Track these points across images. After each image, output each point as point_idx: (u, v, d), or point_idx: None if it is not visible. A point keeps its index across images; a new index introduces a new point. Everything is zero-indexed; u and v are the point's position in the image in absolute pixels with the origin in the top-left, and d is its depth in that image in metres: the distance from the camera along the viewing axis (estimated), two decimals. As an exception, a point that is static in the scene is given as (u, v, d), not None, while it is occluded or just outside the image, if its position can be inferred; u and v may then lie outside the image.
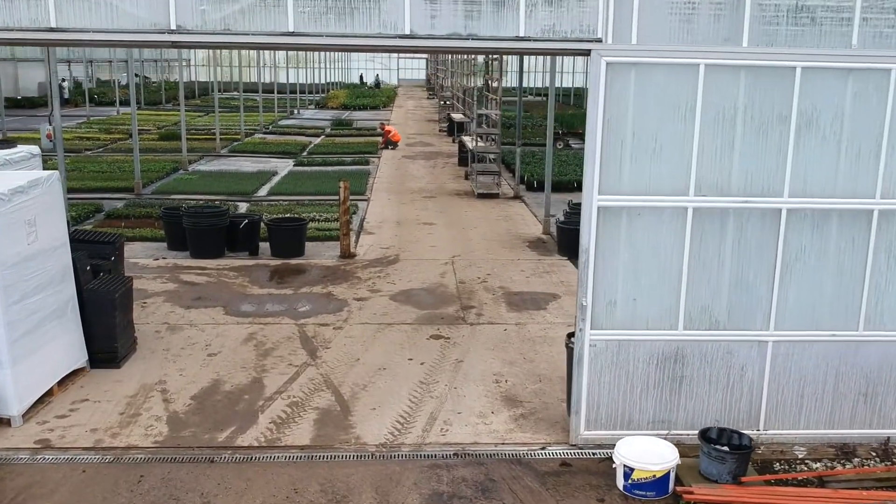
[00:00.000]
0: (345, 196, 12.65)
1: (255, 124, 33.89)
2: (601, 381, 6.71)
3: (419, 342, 9.20)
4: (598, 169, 6.33)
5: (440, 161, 25.16)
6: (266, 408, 7.44)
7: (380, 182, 20.68)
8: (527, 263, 12.77)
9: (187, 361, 8.51)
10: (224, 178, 20.48)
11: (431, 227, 15.47)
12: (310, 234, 13.89)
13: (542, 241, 14.41)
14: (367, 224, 15.56)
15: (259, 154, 25.65)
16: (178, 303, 10.47)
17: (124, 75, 62.33)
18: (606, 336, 6.62)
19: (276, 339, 9.20)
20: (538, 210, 17.02)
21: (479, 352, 8.92)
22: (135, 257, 12.66)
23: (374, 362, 8.56)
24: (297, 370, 8.32)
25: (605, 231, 6.45)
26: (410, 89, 72.13)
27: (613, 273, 6.53)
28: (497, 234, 14.93)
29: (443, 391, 7.86)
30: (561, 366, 8.40)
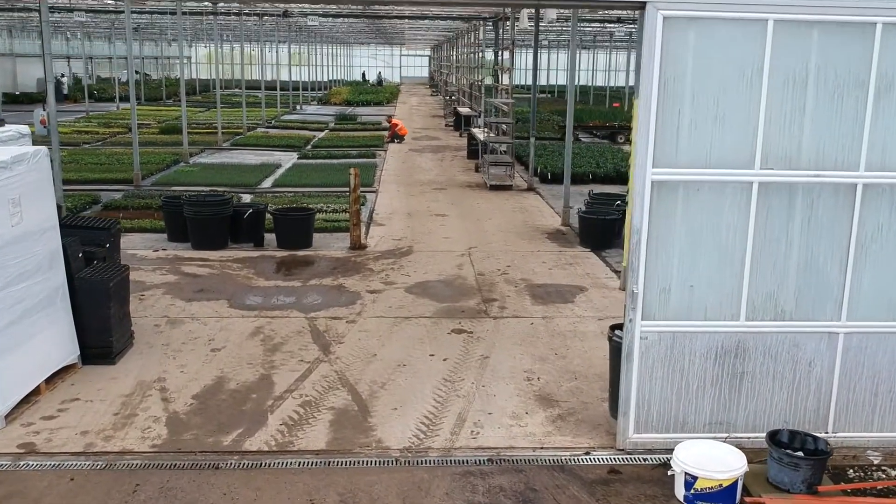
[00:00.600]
0: (355, 184, 11.94)
1: (257, 119, 33.18)
2: (653, 378, 5.98)
3: (440, 337, 8.48)
4: (652, 138, 5.61)
5: (448, 154, 24.44)
6: (276, 408, 6.72)
7: (387, 174, 19.96)
8: (548, 255, 12.05)
9: (189, 357, 7.79)
10: (226, 169, 19.77)
11: (444, 218, 14.75)
12: (317, 225, 13.16)
13: (561, 232, 13.69)
14: (376, 215, 14.84)
15: (262, 147, 24.94)
16: (179, 295, 9.75)
17: (124, 72, 61.82)
18: (659, 327, 5.89)
19: (284, 334, 8.48)
20: (554, 202, 16.31)
21: (506, 347, 8.20)
22: (133, 248, 11.95)
23: (393, 358, 7.84)
24: (308, 367, 7.60)
25: (660, 209, 5.73)
26: (413, 87, 71.43)
27: (668, 256, 5.81)
28: (514, 225, 14.20)
29: (470, 389, 7.14)
30: (596, 362, 7.70)
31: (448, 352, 8.02)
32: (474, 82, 31.76)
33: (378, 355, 7.91)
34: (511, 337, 8.49)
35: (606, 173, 19.32)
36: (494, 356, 7.94)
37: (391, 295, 9.91)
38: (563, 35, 48.59)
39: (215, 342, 8.20)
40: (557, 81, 62.64)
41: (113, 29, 48.22)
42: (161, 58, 67.76)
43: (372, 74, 76.97)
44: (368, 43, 74.40)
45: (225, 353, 7.90)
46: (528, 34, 46.40)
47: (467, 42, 34.55)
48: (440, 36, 49.85)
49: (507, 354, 7.99)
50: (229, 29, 44.16)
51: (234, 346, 8.08)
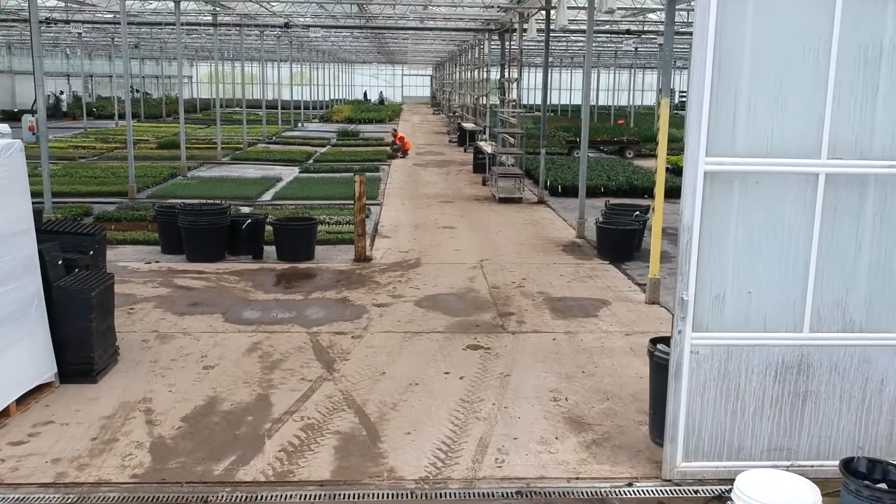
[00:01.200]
0: (360, 192, 11.25)
1: (258, 135, 32.64)
2: (704, 398, 5.24)
3: (454, 353, 7.74)
4: (705, 124, 4.91)
5: (454, 168, 23.80)
6: (274, 432, 5.97)
7: (392, 188, 19.30)
8: (565, 268, 11.33)
9: (178, 375, 7.05)
10: (225, 183, 19.10)
11: (452, 230, 14.06)
12: (320, 237, 12.47)
13: (577, 244, 12.98)
14: (381, 228, 14.14)
15: (262, 162, 24.32)
16: (171, 309, 9.03)
17: (124, 91, 61.50)
18: (712, 340, 5.16)
19: (284, 350, 7.74)
20: (567, 214, 15.63)
21: (528, 364, 7.46)
22: (124, 260, 11.25)
23: (404, 376, 7.10)
24: (310, 385, 6.86)
25: (713, 204, 5.02)
26: (415, 106, 71.09)
27: (722, 258, 5.10)
28: (526, 237, 13.50)
29: (491, 411, 6.39)
30: (629, 381, 6.96)
31: (464, 369, 7.29)
32: (479, 96, 31.25)
33: (387, 373, 7.18)
34: (532, 353, 7.75)
35: (619, 186, 18.66)
36: (516, 374, 7.20)
37: (400, 309, 9.19)
38: (569, 51, 48.21)
39: (208, 359, 7.46)
40: (561, 101, 62.34)
41: (112, 47, 47.88)
42: (162, 77, 67.46)
43: (373, 94, 76.68)
44: (370, 62, 74.21)
45: (218, 371, 7.16)
46: (532, 54, 46.16)
47: (470, 59, 34.12)
48: (443, 52, 49.48)
49: (530, 372, 7.25)
50: (230, 43, 43.73)
51: (229, 364, 7.35)
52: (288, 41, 39.05)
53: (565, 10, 16.75)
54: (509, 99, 21.81)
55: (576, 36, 36.79)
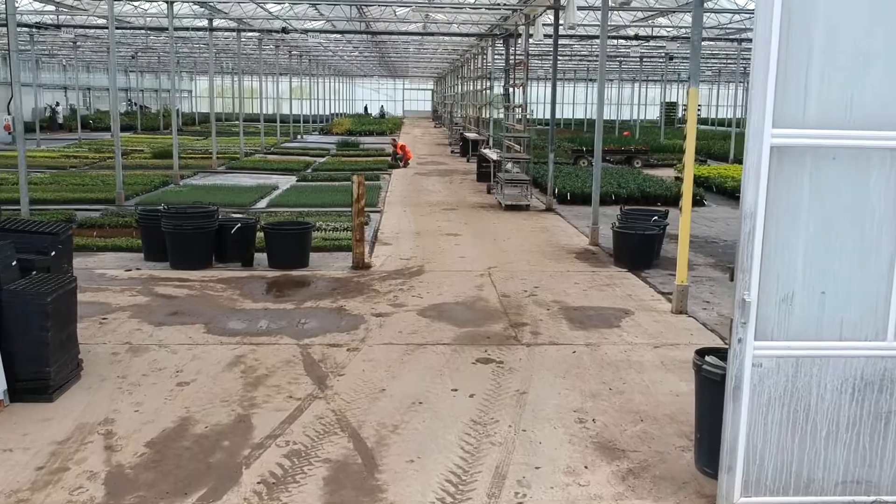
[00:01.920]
0: (359, 193, 10.40)
1: (256, 146, 31.91)
2: (768, 420, 4.36)
3: (463, 368, 6.86)
4: (771, 89, 4.06)
5: (457, 178, 22.98)
6: (253, 460, 5.08)
7: (393, 196, 18.47)
8: (580, 276, 10.46)
9: (148, 392, 6.17)
10: (219, 191, 18.27)
11: (457, 237, 13.20)
12: (316, 243, 11.63)
13: (591, 252, 12.11)
14: (381, 235, 13.28)
15: (259, 171, 23.53)
16: (148, 319, 8.15)
17: (124, 104, 60.87)
18: (779, 350, 4.29)
19: (271, 364, 6.86)
20: (578, 222, 14.79)
21: (547, 380, 6.58)
22: (103, 268, 10.39)
23: (406, 394, 6.22)
24: (299, 405, 5.98)
25: (780, 185, 4.16)
26: (416, 120, 70.43)
27: (791, 252, 4.23)
28: (536, 245, 12.64)
29: (507, 435, 5.50)
30: (663, 399, 6.08)
31: (475, 386, 6.40)
32: (482, 105, 30.52)
33: (387, 390, 6.29)
34: (551, 368, 6.87)
35: (630, 194, 17.82)
36: (534, 391, 6.31)
37: (401, 319, 8.31)
38: (573, 63, 47.59)
39: (184, 374, 6.58)
40: (564, 115, 61.72)
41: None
42: (161, 90, 67.03)
43: (374, 108, 76.14)
44: (371, 75, 73.76)
45: (194, 388, 6.27)
46: (536, 67, 45.52)
47: (473, 69, 33.43)
48: (444, 63, 48.84)
49: (550, 389, 6.36)
50: (229, 53, 43.06)
51: (207, 379, 6.46)
52: (287, 51, 38.40)
53: (575, 8, 16.02)
54: (515, 104, 21.04)
55: (580, 45, 36.15)
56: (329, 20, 24.19)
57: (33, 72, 37.81)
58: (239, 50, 27.68)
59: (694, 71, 8.23)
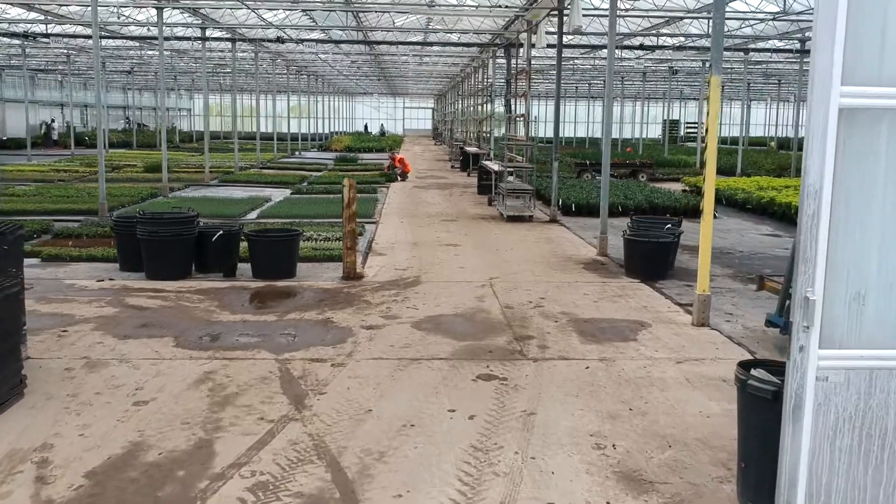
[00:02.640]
0: (350, 198, 9.63)
1: (252, 161, 31.28)
2: (834, 446, 3.54)
3: (462, 385, 6.05)
4: (840, 35, 3.28)
5: (457, 190, 22.25)
6: (211, 493, 4.26)
7: (390, 207, 17.71)
8: (589, 286, 9.66)
9: (99, 413, 5.35)
10: (208, 202, 17.52)
11: (456, 248, 12.41)
12: (305, 253, 10.86)
13: (599, 262, 11.32)
14: (376, 245, 12.50)
15: (253, 184, 22.84)
16: (113, 331, 7.35)
17: (123, 122, 60.42)
18: (849, 361, 3.48)
19: (243, 381, 6.04)
20: (584, 233, 14.03)
21: (558, 399, 5.76)
22: (73, 278, 9.61)
23: (396, 415, 5.40)
24: (271, 428, 5.16)
25: (850, 156, 3.38)
26: (417, 138, 69.93)
27: (864, 238, 3.44)
28: (541, 255, 11.85)
29: (513, 463, 4.68)
30: (692, 421, 5.27)
31: (475, 406, 5.59)
32: (482, 120, 29.89)
33: (374, 411, 5.48)
34: (561, 385, 6.05)
35: (638, 205, 17.07)
36: (543, 412, 5.50)
37: (394, 331, 7.50)
38: (574, 79, 47.07)
39: (144, 392, 5.77)
40: (566, 133, 61.21)
41: (106, 76, 46.88)
42: (159, 108, 66.46)
43: (374, 127, 75.73)
44: (371, 92, 73.43)
45: (153, 408, 5.46)
46: (537, 81, 44.98)
47: (473, 83, 32.85)
48: (444, 78, 48.33)
49: (561, 409, 5.55)
50: (227, 68, 42.51)
51: (169, 398, 5.65)
52: (285, 66, 37.86)
53: (580, 9, 15.37)
54: (516, 115, 20.37)
55: (583, 58, 35.59)
56: (324, 30, 23.56)
57: (25, 87, 37.12)
58: (234, 61, 27.05)
59: (716, 57, 7.48)
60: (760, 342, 7.34)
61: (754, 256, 12.29)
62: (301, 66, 40.30)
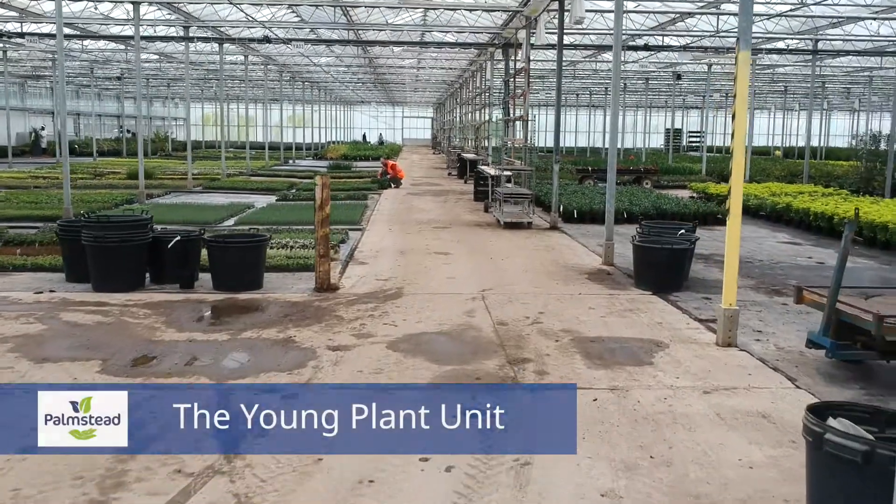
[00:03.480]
0: (322, 198, 8.48)
1: (241, 168, 30.22)
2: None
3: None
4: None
5: (452, 197, 21.10)
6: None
7: (379, 214, 16.55)
8: (595, 299, 8.49)
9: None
10: (186, 208, 16.40)
11: (447, 256, 11.25)
12: (277, 262, 9.72)
13: (605, 272, 10.15)
14: (359, 253, 11.33)
15: (238, 191, 21.74)
16: (32, 353, 6.18)
17: (115, 130, 59.43)
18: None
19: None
20: (588, 240, 12.88)
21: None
22: (8, 290, 8.45)
23: (351, 467, 4.23)
24: (187, 485, 4.00)
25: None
26: (416, 148, 68.88)
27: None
28: (541, 264, 10.68)
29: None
30: (731, 475, 4.13)
31: (454, 453, 4.41)
32: (481, 125, 28.80)
33: (325, 461, 4.30)
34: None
35: (645, 211, 15.92)
36: (540, 462, 4.33)
37: (364, 353, 6.33)
38: (573, 85, 46.03)
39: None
40: (566, 143, 60.10)
41: (95, 84, 46.02)
42: (154, 117, 65.80)
43: (373, 136, 74.74)
44: (369, 101, 72.55)
45: (42, 458, 4.28)
46: (537, 87, 44.00)
47: (471, 89, 31.79)
48: (443, 83, 47.33)
49: (564, 458, 4.37)
50: (215, 71, 41.43)
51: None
52: (278, 73, 36.83)
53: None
54: (515, 117, 19.25)
55: (582, 64, 34.53)
56: (313, 28, 22.48)
57: (7, 93, 36.07)
58: (221, 64, 26.00)
59: (744, 27, 6.33)
60: (800, 366, 6.16)
61: (776, 266, 11.12)
62: (294, 71, 39.27)
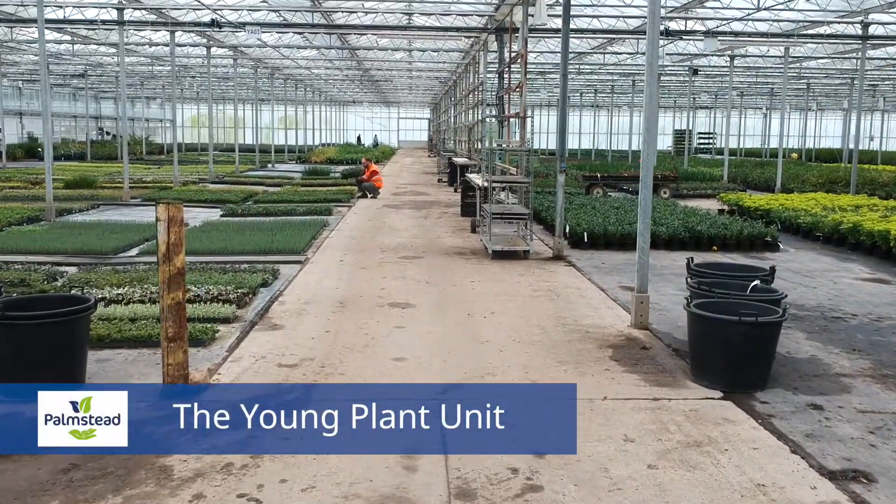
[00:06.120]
0: (169, 242, 5.05)
1: (204, 174, 26.87)
2: None
3: None
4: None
5: (435, 211, 17.66)
6: None
7: (338, 236, 13.12)
8: (631, 415, 5.03)
9: None
10: (92, 229, 12.97)
11: (405, 311, 7.79)
12: (134, 332, 6.31)
13: (638, 345, 6.69)
14: (277, 307, 7.87)
15: (184, 203, 18.20)
16: None
17: (94, 132, 56.05)
18: None
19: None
20: (604, 279, 9.45)
21: None
22: None
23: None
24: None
25: None
26: (411, 150, 65.43)
27: None
28: (540, 325, 7.23)
29: None
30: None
31: None
32: (474, 125, 25.38)
33: None
34: None
35: (673, 233, 12.54)
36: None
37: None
38: (576, 83, 42.55)
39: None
40: (568, 144, 56.60)
41: (74, 84, 42.76)
42: (139, 119, 62.56)
43: (368, 138, 71.36)
44: (361, 101, 69.24)
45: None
46: (536, 88, 40.47)
47: (465, 86, 28.44)
48: (436, 79, 43.89)
49: None
50: (198, 68, 37.96)
51: None
52: (267, 73, 33.44)
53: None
54: (510, 115, 15.80)
55: (587, 61, 31.07)
56: (275, 10, 19.05)
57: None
58: (172, 53, 22.59)
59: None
60: None
61: (882, 324, 7.67)
62: (275, 67, 35.87)
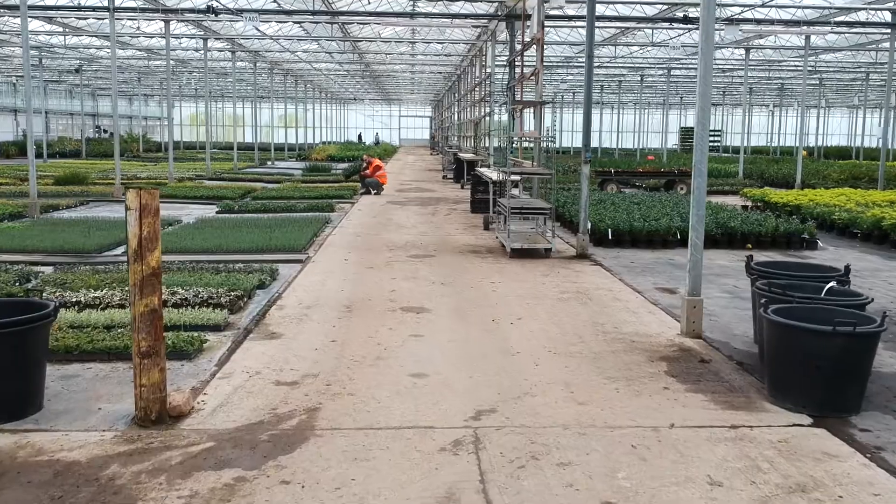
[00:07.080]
0: (141, 235, 4.12)
1: (201, 171, 25.99)
2: None
3: None
4: None
5: (443, 207, 16.74)
6: None
7: (341, 233, 12.20)
8: (708, 447, 4.11)
9: None
10: (75, 226, 12.08)
11: (421, 317, 6.86)
12: (109, 342, 5.39)
13: (695, 356, 5.77)
14: (275, 312, 6.94)
15: (177, 200, 17.48)
16: None
17: (92, 130, 55.18)
18: None
19: None
20: (637, 279, 8.54)
21: None
22: None
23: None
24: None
25: None
26: (413, 148, 64.56)
27: None
28: (577, 334, 6.30)
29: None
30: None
31: None
32: (481, 119, 24.45)
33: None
34: None
35: (707, 231, 11.54)
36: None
37: None
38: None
39: None
40: (573, 143, 55.66)
41: (71, 82, 41.91)
42: (136, 116, 61.87)
43: (369, 137, 70.45)
44: (362, 98, 68.32)
45: None
46: (553, 87, 39.39)
47: (470, 81, 27.52)
48: (439, 73, 42.91)
49: None
50: (193, 65, 37.07)
51: None
52: (266, 69, 32.50)
53: None
54: (527, 102, 14.85)
55: (598, 54, 30.15)
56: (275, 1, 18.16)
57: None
58: (167, 47, 21.67)
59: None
60: None
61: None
62: (275, 63, 34.94)
